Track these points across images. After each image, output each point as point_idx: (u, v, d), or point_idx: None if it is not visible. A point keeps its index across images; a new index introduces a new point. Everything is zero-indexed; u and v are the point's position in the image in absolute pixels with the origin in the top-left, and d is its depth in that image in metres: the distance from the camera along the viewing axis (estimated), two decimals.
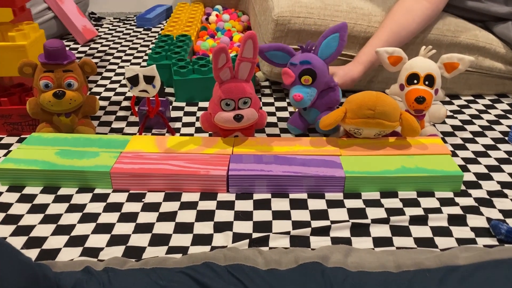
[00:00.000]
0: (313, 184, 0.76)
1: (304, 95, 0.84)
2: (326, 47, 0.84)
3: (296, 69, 0.84)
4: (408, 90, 0.86)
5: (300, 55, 0.85)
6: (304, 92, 0.84)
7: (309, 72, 0.83)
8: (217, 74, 0.77)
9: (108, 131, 0.97)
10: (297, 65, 0.84)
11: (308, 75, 0.84)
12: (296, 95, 0.84)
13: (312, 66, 0.83)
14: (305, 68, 0.83)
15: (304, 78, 0.84)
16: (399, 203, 0.75)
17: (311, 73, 0.84)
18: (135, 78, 0.85)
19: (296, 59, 0.84)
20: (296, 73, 0.84)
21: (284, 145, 0.84)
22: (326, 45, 0.83)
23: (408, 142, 0.84)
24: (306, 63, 0.83)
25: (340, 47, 0.83)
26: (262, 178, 0.75)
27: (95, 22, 1.72)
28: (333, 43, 0.83)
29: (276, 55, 0.86)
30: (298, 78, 0.84)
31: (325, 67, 0.85)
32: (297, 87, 0.85)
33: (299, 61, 0.83)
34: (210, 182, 0.76)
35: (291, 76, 0.84)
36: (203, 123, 0.86)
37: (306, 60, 0.83)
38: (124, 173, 0.76)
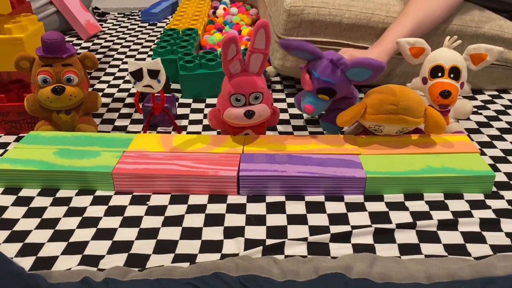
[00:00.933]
0: (331, 185, 0.70)
1: (316, 108, 0.80)
2: (355, 74, 0.76)
3: (317, 83, 0.77)
4: (432, 84, 0.80)
5: (325, 67, 0.76)
6: (317, 106, 0.80)
7: (328, 92, 0.78)
8: (226, 67, 0.72)
9: (111, 129, 0.92)
10: (319, 80, 0.76)
11: (327, 94, 0.78)
12: (307, 107, 0.80)
13: (333, 87, 0.77)
14: (326, 87, 0.77)
15: (321, 96, 0.78)
16: (425, 206, 0.68)
17: (330, 92, 0.78)
18: (139, 73, 0.80)
19: (319, 71, 0.76)
20: (315, 86, 0.77)
21: (298, 143, 0.78)
22: (356, 72, 0.75)
23: (432, 140, 0.78)
24: (328, 83, 0.76)
25: (369, 80, 0.76)
26: (276, 179, 0.70)
27: (99, 17, 1.67)
28: (362, 76, 0.75)
29: (302, 54, 0.79)
30: (315, 91, 0.78)
31: (347, 85, 0.78)
32: (310, 98, 0.80)
33: (322, 77, 0.76)
34: (219, 184, 0.71)
35: (308, 86, 0.78)
36: (211, 120, 0.81)
37: (330, 80, 0.76)
38: (127, 174, 0.71)
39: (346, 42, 0.99)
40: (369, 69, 0.73)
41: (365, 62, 0.73)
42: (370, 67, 0.73)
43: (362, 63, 0.74)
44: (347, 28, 0.97)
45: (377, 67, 0.73)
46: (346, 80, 0.77)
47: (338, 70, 0.76)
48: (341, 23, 0.96)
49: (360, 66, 0.74)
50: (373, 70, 0.73)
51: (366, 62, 0.73)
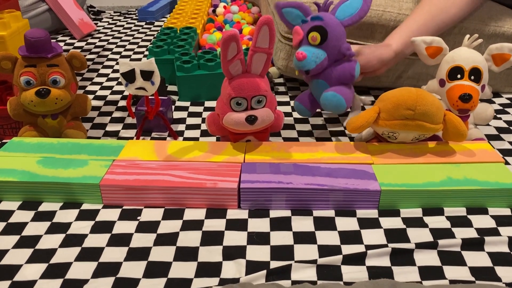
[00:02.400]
0: (342, 199, 0.63)
1: (308, 54, 0.72)
2: (346, 7, 0.73)
3: (306, 26, 0.73)
4: (451, 87, 0.73)
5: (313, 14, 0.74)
6: (309, 51, 0.73)
7: (318, 29, 0.72)
8: (226, 68, 0.65)
9: (102, 134, 0.85)
10: (307, 22, 0.73)
11: (317, 31, 0.72)
12: (299, 53, 0.73)
13: (323, 24, 0.72)
14: (315, 24, 0.72)
15: (311, 34, 0.72)
16: (446, 222, 0.62)
17: (320, 30, 0.72)
18: (131, 74, 0.73)
19: (307, 16, 0.74)
20: (305, 30, 0.73)
21: (304, 151, 0.71)
22: (346, 4, 0.73)
23: (451, 148, 0.71)
24: (317, 19, 0.72)
25: (363, 9, 0.72)
26: (280, 191, 0.63)
27: (93, 16, 1.60)
28: (356, 4, 0.72)
29: (291, 13, 0.76)
30: (306, 36, 0.73)
31: (340, 28, 0.73)
32: (304, 46, 0.74)
33: (310, 17, 0.73)
34: (218, 197, 0.64)
35: (299, 34, 0.74)
36: (210, 126, 0.74)
37: (318, 16, 0.72)
38: (116, 185, 0.64)
39: (355, 41, 0.92)
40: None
41: None
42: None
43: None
44: (356, 27, 0.90)
45: None
46: (337, 21, 0.73)
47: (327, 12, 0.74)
48: None
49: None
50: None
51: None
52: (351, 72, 0.74)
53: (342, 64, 0.74)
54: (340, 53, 0.74)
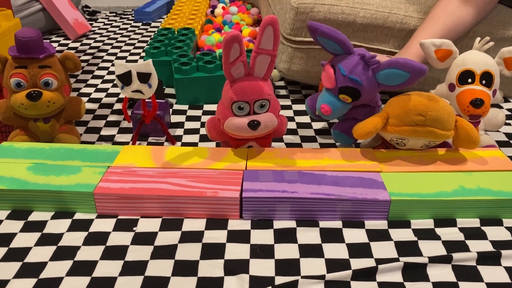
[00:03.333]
0: (350, 209, 0.60)
1: (334, 109, 0.69)
2: (388, 76, 0.64)
3: (341, 79, 0.66)
4: (461, 91, 0.70)
5: (354, 65, 0.65)
6: (335, 106, 0.69)
7: (352, 93, 0.67)
8: (228, 70, 0.62)
9: (96, 139, 0.82)
10: (345, 77, 0.66)
11: (350, 95, 0.67)
12: (324, 107, 0.69)
13: (359, 88, 0.66)
14: (351, 86, 0.66)
15: (342, 96, 0.68)
16: (459, 234, 0.59)
17: (354, 94, 0.67)
18: (127, 76, 0.70)
19: (347, 68, 0.66)
20: (339, 83, 0.67)
21: (309, 158, 0.68)
22: (389, 74, 0.64)
23: (462, 156, 0.68)
24: (355, 81, 0.66)
25: (404, 86, 0.64)
26: (285, 201, 0.60)
27: (89, 16, 1.57)
28: (396, 80, 0.64)
29: (328, 44, 0.67)
30: (337, 89, 0.68)
31: (375, 89, 0.68)
32: (330, 97, 0.69)
33: (349, 74, 0.65)
34: (218, 206, 0.60)
35: (331, 83, 0.67)
36: (210, 131, 0.71)
37: (357, 80, 0.65)
38: (111, 194, 0.61)
39: (359, 44, 0.89)
40: (407, 72, 0.62)
41: (404, 63, 0.62)
42: (409, 69, 0.62)
43: (400, 64, 0.62)
44: (361, 29, 0.87)
45: (418, 70, 0.61)
46: (375, 84, 0.66)
47: (369, 70, 0.65)
48: (354, 22, 0.86)
49: (397, 67, 0.63)
50: (412, 73, 0.62)
51: (405, 63, 0.62)
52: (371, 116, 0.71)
53: (365, 108, 0.72)
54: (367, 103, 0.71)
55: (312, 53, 0.90)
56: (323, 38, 0.67)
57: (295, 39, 0.88)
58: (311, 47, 0.89)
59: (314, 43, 0.88)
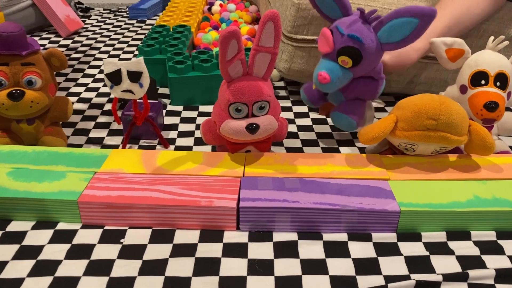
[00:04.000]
0: (356, 221, 0.55)
1: (333, 77, 0.62)
2: (392, 30, 0.59)
3: (340, 40, 0.61)
4: (474, 94, 0.66)
5: (353, 22, 0.60)
6: (335, 74, 0.62)
7: (352, 53, 0.61)
8: (225, 69, 0.57)
9: (84, 142, 0.77)
10: (343, 35, 0.60)
11: (350, 56, 0.61)
12: (322, 75, 0.62)
13: (360, 47, 0.60)
14: (350, 46, 0.60)
15: (342, 58, 0.61)
16: (474, 249, 0.54)
17: (355, 56, 0.61)
18: (117, 75, 0.66)
19: (345, 26, 0.60)
20: (337, 45, 0.61)
21: (311, 164, 0.63)
22: (394, 27, 0.59)
23: (475, 162, 0.64)
24: (355, 39, 0.60)
25: (413, 38, 0.59)
26: (286, 211, 0.55)
27: (82, 13, 1.52)
28: (405, 30, 0.59)
29: (326, 2, 0.63)
30: (336, 52, 0.62)
31: (378, 53, 0.63)
32: (328, 63, 0.63)
33: (348, 31, 0.60)
34: (213, 217, 0.56)
35: (329, 45, 0.61)
36: (205, 134, 0.66)
37: (357, 36, 0.60)
38: (97, 203, 0.56)
39: None
40: (414, 17, 0.57)
41: (409, 8, 0.57)
42: (417, 13, 0.56)
43: (404, 11, 0.57)
44: None
45: (428, 12, 0.56)
46: (378, 46, 0.61)
47: (370, 28, 0.60)
48: None
49: (402, 15, 0.57)
50: (420, 17, 0.56)
51: (410, 8, 0.56)
52: (375, 92, 0.67)
53: (367, 82, 0.67)
54: (368, 73, 0.66)
55: (314, 52, 0.85)
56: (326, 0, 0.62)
57: (296, 37, 0.84)
58: (313, 45, 0.84)
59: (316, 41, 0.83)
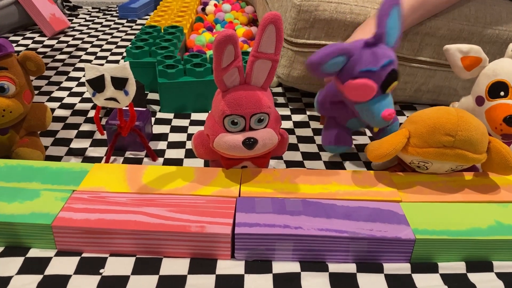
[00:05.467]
0: (366, 249, 0.49)
1: (393, 107, 0.59)
2: (391, 30, 0.56)
3: (377, 77, 0.55)
4: (492, 106, 0.60)
5: (371, 56, 0.55)
6: (391, 103, 0.58)
7: (395, 75, 0.57)
8: (220, 77, 0.51)
9: (65, 153, 0.70)
10: (376, 71, 0.55)
11: (395, 79, 0.57)
12: (390, 113, 0.57)
13: (394, 65, 0.57)
14: (390, 71, 0.56)
15: (391, 86, 0.57)
16: (497, 282, 0.48)
17: (396, 74, 0.57)
18: (100, 81, 0.59)
19: (372, 64, 0.55)
20: (379, 81, 0.56)
21: (315, 182, 0.57)
22: (390, 26, 0.56)
23: (494, 182, 0.58)
24: (388, 64, 0.55)
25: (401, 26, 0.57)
26: (287, 239, 0.49)
27: (69, 11, 1.45)
28: (396, 22, 0.56)
29: (336, 64, 0.56)
30: (380, 89, 0.57)
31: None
32: (379, 100, 0.57)
33: (378, 65, 0.55)
34: (205, 244, 0.49)
35: (373, 89, 0.56)
36: (197, 148, 0.60)
37: (388, 61, 0.55)
38: (74, 227, 0.49)
39: None
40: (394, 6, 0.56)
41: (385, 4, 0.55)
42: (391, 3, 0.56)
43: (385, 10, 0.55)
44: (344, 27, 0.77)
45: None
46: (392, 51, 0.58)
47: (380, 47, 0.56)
48: None
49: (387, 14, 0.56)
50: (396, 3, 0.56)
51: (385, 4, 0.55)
52: None
53: None
54: None
55: None
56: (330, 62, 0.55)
57: (297, 41, 0.78)
58: (314, 50, 0.78)
59: (317, 46, 0.77)
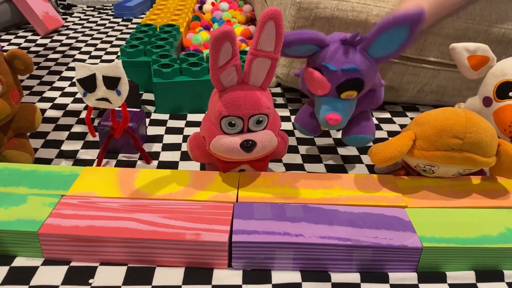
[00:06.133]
0: (370, 258, 0.47)
1: (343, 115, 0.57)
2: (383, 44, 0.53)
3: (334, 77, 0.54)
4: (500, 107, 0.58)
5: (336, 52, 0.54)
6: (343, 110, 0.57)
7: (355, 85, 0.55)
8: (216, 77, 0.48)
9: (55, 155, 0.67)
10: (336, 71, 0.54)
11: (354, 88, 0.55)
12: (332, 117, 0.56)
13: (360, 75, 0.54)
14: (350, 79, 0.54)
15: (347, 93, 0.56)
16: None
17: (358, 85, 0.55)
18: (91, 80, 0.57)
19: (333, 61, 0.54)
20: (334, 83, 0.55)
21: (316, 186, 0.55)
22: (384, 41, 0.52)
23: (502, 186, 0.56)
24: (352, 71, 0.54)
25: (407, 43, 0.52)
26: (287, 247, 0.46)
27: (63, 10, 1.42)
28: (396, 40, 0.52)
29: (303, 48, 0.56)
30: (335, 89, 0.55)
31: (374, 67, 0.56)
32: (331, 102, 0.57)
33: (340, 66, 0.54)
34: (201, 253, 0.47)
35: (325, 87, 0.55)
36: (193, 151, 0.57)
37: (353, 67, 0.54)
38: (62, 235, 0.47)
39: None
40: (403, 25, 0.50)
41: (394, 18, 0.50)
42: (403, 20, 0.50)
43: (389, 23, 0.51)
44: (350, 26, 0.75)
45: (415, 15, 0.50)
46: (372, 62, 0.55)
47: (357, 51, 0.54)
48: (367, 21, 0.73)
49: (389, 27, 0.51)
50: (410, 22, 0.50)
51: (395, 19, 0.50)
52: (378, 101, 0.61)
53: (368, 96, 0.60)
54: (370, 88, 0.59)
55: None
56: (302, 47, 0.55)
57: None
58: None
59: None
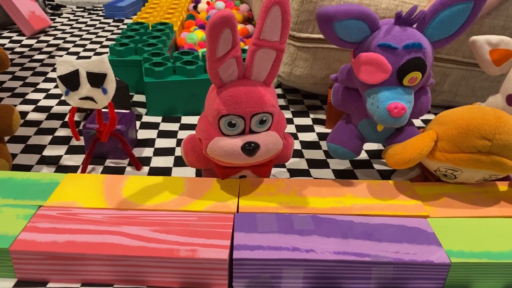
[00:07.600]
0: (391, 276, 0.41)
1: (408, 105, 0.48)
2: (443, 24, 0.47)
3: (397, 57, 0.47)
4: None
5: (391, 30, 0.47)
6: (407, 99, 0.48)
7: (420, 64, 0.47)
8: (215, 70, 0.43)
9: (36, 162, 0.61)
10: (397, 49, 0.47)
11: (419, 69, 0.47)
12: (398, 105, 0.47)
13: (423, 55, 0.47)
14: (415, 57, 0.47)
15: (411, 75, 0.47)
16: None
17: (423, 65, 0.47)
18: (74, 77, 0.51)
19: (394, 39, 0.47)
20: (397, 64, 0.47)
21: (326, 194, 0.49)
22: (444, 20, 0.47)
23: None
24: (416, 48, 0.47)
25: (468, 24, 0.47)
26: (296, 264, 0.40)
27: (52, 10, 1.36)
28: (458, 19, 0.47)
29: (352, 28, 0.47)
30: (395, 74, 0.48)
31: (432, 54, 0.49)
32: (392, 91, 0.48)
33: (403, 43, 0.47)
34: (198, 272, 0.41)
35: (386, 70, 0.47)
36: (187, 155, 0.51)
37: (417, 43, 0.47)
38: (37, 252, 0.40)
39: None
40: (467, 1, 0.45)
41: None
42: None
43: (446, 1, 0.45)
44: None
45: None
46: (430, 45, 0.48)
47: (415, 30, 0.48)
48: None
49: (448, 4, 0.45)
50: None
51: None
52: (428, 106, 0.54)
53: (420, 98, 0.52)
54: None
55: (319, 54, 0.71)
56: (344, 22, 0.46)
57: (300, 35, 0.70)
58: (319, 46, 0.71)
59: (322, 41, 0.69)
